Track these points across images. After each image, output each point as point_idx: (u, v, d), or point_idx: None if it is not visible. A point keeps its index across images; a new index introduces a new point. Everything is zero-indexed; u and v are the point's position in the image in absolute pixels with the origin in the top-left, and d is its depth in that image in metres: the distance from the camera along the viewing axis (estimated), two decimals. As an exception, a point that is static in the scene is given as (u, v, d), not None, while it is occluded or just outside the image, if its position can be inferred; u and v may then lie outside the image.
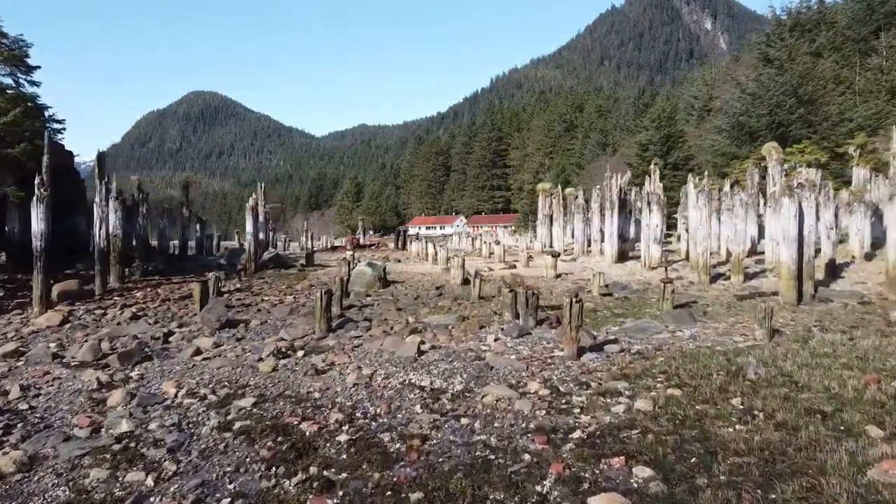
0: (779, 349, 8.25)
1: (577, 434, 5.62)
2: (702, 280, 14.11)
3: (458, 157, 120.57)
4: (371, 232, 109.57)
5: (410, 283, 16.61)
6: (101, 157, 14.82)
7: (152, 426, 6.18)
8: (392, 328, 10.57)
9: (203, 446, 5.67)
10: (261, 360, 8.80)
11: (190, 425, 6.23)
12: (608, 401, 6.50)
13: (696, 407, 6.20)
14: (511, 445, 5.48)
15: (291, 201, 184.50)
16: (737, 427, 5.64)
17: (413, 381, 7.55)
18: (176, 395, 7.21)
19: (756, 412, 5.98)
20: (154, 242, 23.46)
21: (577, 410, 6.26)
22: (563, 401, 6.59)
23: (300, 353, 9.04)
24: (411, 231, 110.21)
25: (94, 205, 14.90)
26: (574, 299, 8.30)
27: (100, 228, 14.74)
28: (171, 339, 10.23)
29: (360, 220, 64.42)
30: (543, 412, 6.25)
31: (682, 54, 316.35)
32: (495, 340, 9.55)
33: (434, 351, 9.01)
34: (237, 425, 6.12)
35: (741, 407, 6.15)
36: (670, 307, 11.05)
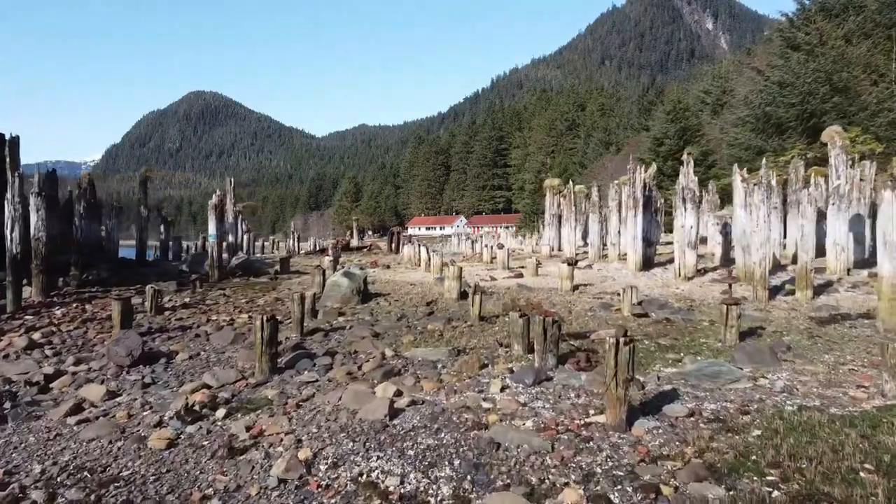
0: (937, 417, 5.45)
1: None
2: (759, 296, 11.31)
3: (459, 156, 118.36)
4: (370, 232, 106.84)
5: (396, 297, 13.82)
6: (13, 142, 12.05)
7: None
8: (361, 367, 7.79)
9: None
10: (159, 424, 6.02)
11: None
12: (704, 536, 3.72)
13: (869, 557, 3.43)
14: None
15: (291, 201, 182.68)
16: None
17: (374, 475, 4.77)
18: (-16, 505, 4.43)
19: None
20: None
21: (654, 562, 3.48)
22: (625, 533, 3.81)
23: (220, 413, 6.26)
24: (411, 231, 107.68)
25: (6, 202, 12.16)
26: (622, 339, 5.52)
27: (11, 231, 11.98)
28: (53, 384, 7.45)
29: (354, 220, 61.66)
30: (594, 564, 3.48)
31: (683, 54, 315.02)
32: (502, 390, 6.77)
33: (414, 409, 6.23)
34: None
35: (957, 562, 3.38)
36: (736, 337, 8.25)
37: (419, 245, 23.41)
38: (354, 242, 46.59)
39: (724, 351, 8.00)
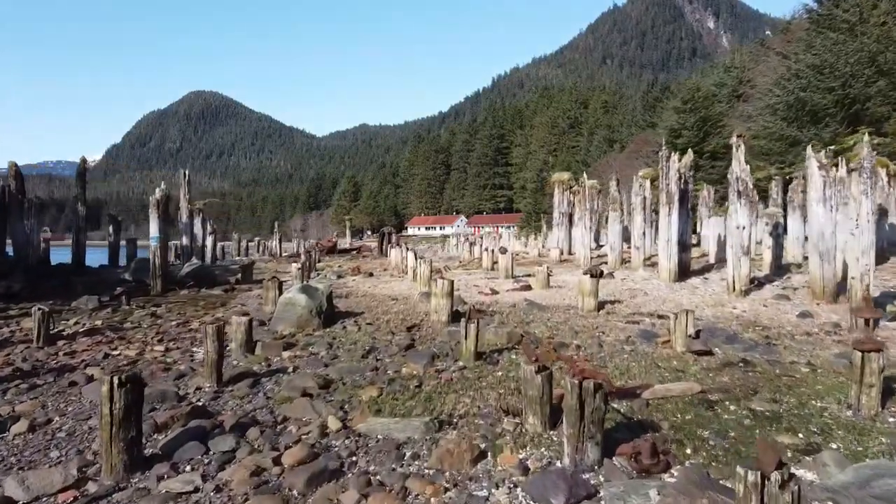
0: None
1: None
2: (858, 323, 8.36)
3: (459, 155, 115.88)
4: (368, 232, 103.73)
5: (370, 318, 10.80)
6: None
7: None
8: (280, 458, 4.78)
9: None
10: None
11: None
12: None
13: None
14: None
15: (291, 201, 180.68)
16: None
17: None
18: None
19: None
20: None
21: None
22: None
23: (-24, 585, 3.27)
24: (411, 230, 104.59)
25: None
26: (779, 478, 2.54)
27: None
28: None
29: (347, 219, 58.72)
30: None
31: (684, 53, 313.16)
32: (511, 523, 3.78)
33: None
34: None
35: None
36: (878, 402, 5.26)
37: (406, 249, 20.42)
38: (346, 243, 43.58)
39: (867, 429, 5.00)
